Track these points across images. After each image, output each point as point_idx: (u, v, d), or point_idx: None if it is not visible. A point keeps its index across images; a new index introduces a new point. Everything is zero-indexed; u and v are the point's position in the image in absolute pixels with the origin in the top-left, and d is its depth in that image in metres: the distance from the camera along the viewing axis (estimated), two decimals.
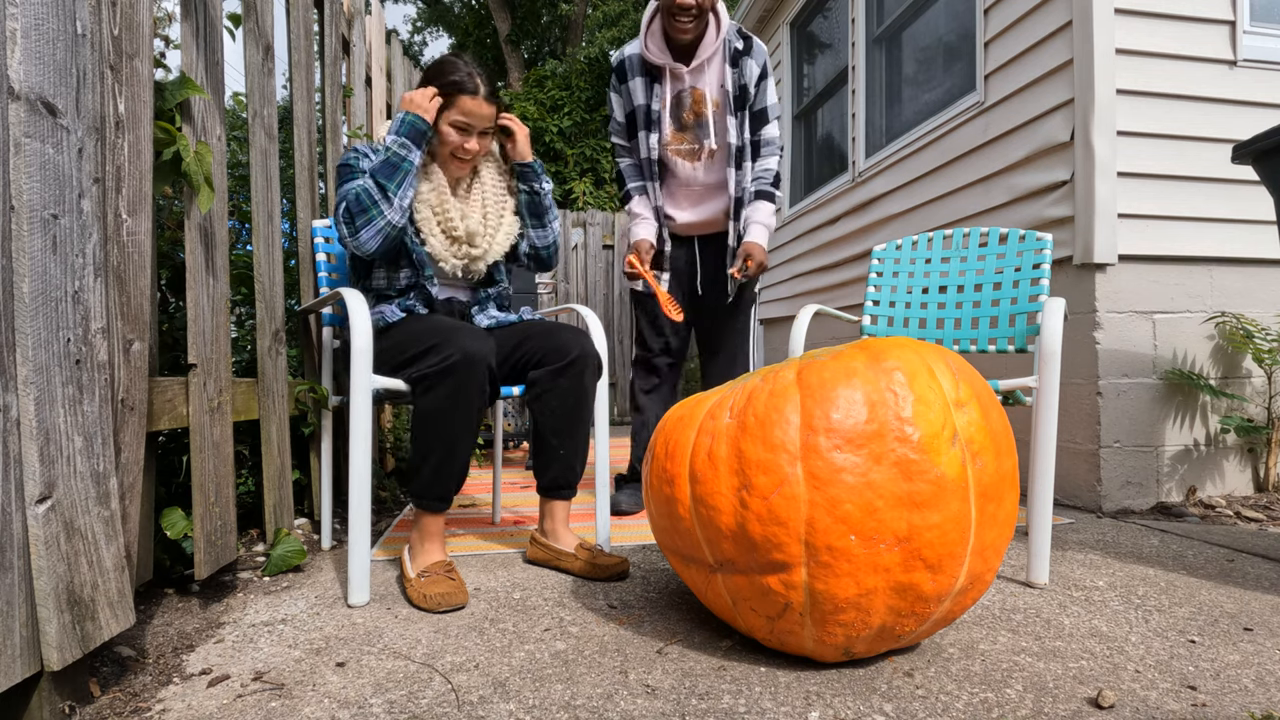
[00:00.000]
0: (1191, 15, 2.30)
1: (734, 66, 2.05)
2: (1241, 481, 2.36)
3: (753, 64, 2.05)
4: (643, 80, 2.11)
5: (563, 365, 1.59)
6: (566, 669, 1.09)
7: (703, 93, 2.07)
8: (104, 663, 1.09)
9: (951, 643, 1.18)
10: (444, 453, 1.42)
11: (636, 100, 2.12)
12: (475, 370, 1.40)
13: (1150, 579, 1.52)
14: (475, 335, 1.42)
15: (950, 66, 3.02)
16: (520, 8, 12.59)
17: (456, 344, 1.39)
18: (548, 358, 1.61)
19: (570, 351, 1.59)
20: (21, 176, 0.87)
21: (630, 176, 2.22)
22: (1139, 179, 2.26)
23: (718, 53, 2.06)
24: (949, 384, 1.02)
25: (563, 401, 1.60)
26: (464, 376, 1.39)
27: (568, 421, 1.61)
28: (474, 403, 1.42)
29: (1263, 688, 1.01)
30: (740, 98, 2.06)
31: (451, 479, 1.46)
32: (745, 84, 2.05)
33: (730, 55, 2.05)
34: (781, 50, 4.86)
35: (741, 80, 2.05)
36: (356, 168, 1.61)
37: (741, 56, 2.04)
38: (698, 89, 2.07)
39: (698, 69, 2.06)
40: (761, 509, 0.98)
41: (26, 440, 0.88)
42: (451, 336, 1.41)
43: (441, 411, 1.40)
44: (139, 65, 1.18)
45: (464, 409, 1.41)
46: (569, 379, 1.60)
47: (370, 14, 2.77)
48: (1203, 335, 2.34)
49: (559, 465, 1.63)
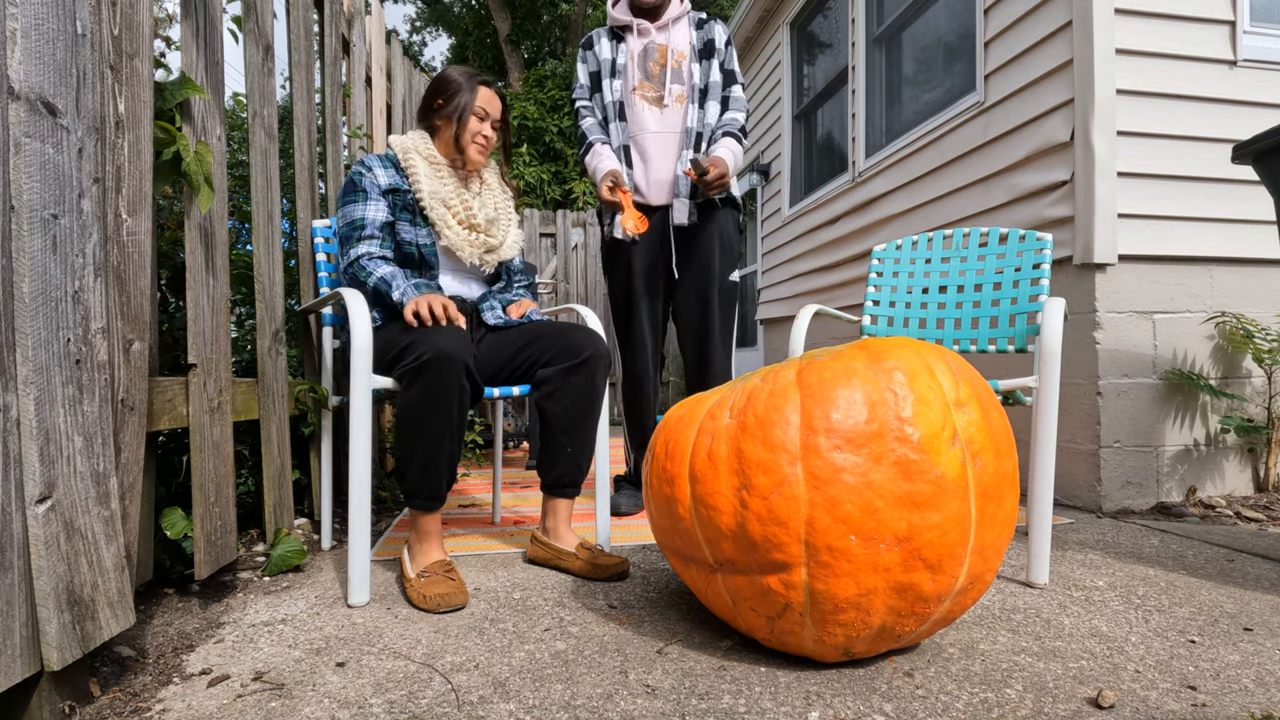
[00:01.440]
0: (1191, 15, 2.30)
1: (699, 29, 2.23)
2: (1241, 481, 2.36)
3: (718, 28, 2.22)
4: (609, 42, 2.24)
5: (576, 363, 1.61)
6: (566, 669, 1.09)
7: (668, 47, 2.19)
8: (104, 663, 1.09)
9: (951, 643, 1.18)
10: (426, 451, 1.42)
11: (602, 57, 2.23)
12: (448, 367, 1.39)
13: (1150, 579, 1.52)
14: (451, 334, 1.42)
15: (950, 66, 3.02)
16: (520, 8, 12.58)
17: (430, 342, 1.39)
18: (560, 356, 1.62)
19: (584, 350, 1.61)
20: (21, 176, 0.87)
21: (591, 131, 2.23)
22: (1139, 179, 2.26)
23: (683, 18, 2.23)
24: (949, 384, 1.02)
25: (575, 400, 1.61)
26: (436, 373, 1.38)
27: (578, 420, 1.62)
28: (450, 399, 1.41)
29: (1263, 688, 1.01)
30: (706, 51, 2.20)
31: (438, 476, 1.45)
32: (711, 39, 2.20)
33: (695, 22, 2.24)
34: (781, 50, 4.85)
35: (707, 37, 2.20)
36: (359, 186, 1.67)
37: (705, 23, 2.24)
38: (662, 45, 2.19)
39: (663, 27, 2.20)
40: (761, 509, 0.98)
41: (26, 440, 0.88)
42: (426, 335, 1.41)
43: (417, 409, 1.40)
44: (139, 65, 1.18)
45: (441, 406, 1.40)
46: (582, 377, 1.61)
47: (370, 14, 2.77)
48: (1203, 335, 2.34)
49: (566, 463, 1.63)
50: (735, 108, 2.22)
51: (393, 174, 1.71)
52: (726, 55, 2.24)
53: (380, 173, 1.69)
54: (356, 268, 1.61)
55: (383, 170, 1.70)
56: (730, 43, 2.24)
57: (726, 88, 2.23)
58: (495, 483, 2.15)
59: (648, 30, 2.20)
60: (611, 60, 2.23)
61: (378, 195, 1.67)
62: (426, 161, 1.72)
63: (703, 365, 2.25)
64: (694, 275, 2.22)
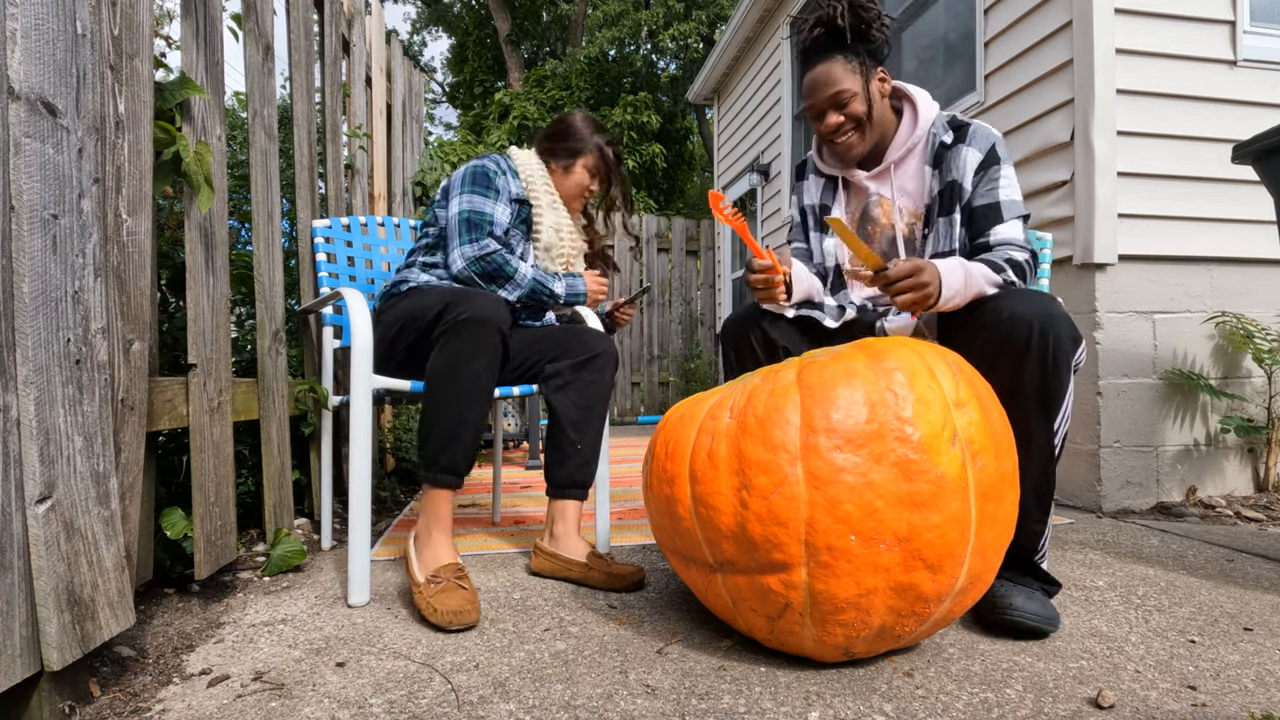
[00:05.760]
0: (1191, 15, 2.30)
1: (936, 166, 1.45)
2: (1241, 481, 2.36)
3: (968, 152, 1.41)
4: (819, 180, 1.63)
5: (587, 358, 1.62)
6: (566, 669, 1.09)
7: (891, 203, 1.51)
8: (104, 663, 1.09)
9: (951, 643, 1.18)
10: (454, 413, 1.39)
11: (809, 198, 1.63)
12: (484, 328, 1.39)
13: (1150, 579, 1.52)
14: (489, 299, 1.42)
15: (950, 66, 3.02)
16: (520, 8, 12.59)
17: (470, 304, 1.39)
18: (570, 351, 1.63)
19: (595, 346, 1.63)
20: (21, 176, 0.87)
21: (800, 256, 1.63)
22: (1139, 179, 2.26)
23: (914, 151, 1.48)
24: (949, 384, 1.02)
25: (584, 394, 1.61)
26: (472, 332, 1.38)
27: (587, 415, 1.61)
28: (481, 359, 1.39)
29: (1263, 688, 1.01)
30: (947, 198, 1.43)
31: (460, 446, 1.40)
32: (955, 180, 1.41)
33: (933, 151, 1.45)
34: (781, 50, 4.86)
35: (949, 177, 1.42)
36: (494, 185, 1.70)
37: (949, 150, 1.43)
38: (886, 199, 1.51)
39: (883, 174, 1.50)
40: (761, 509, 0.98)
41: (26, 440, 0.88)
42: (466, 296, 1.41)
43: (449, 368, 1.38)
44: (139, 65, 1.18)
45: (473, 367, 1.38)
46: (592, 372, 1.62)
47: (370, 14, 2.76)
48: (1203, 335, 2.34)
49: (575, 461, 1.60)
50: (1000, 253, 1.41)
51: (519, 186, 1.77)
52: (979, 185, 1.44)
53: (511, 181, 1.75)
54: (498, 259, 1.63)
55: (512, 180, 1.76)
56: (995, 161, 1.42)
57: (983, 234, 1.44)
58: (495, 482, 2.15)
59: (863, 185, 1.57)
60: (819, 205, 1.64)
61: (508, 201, 1.72)
62: (546, 190, 1.79)
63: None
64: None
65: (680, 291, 6.36)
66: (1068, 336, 1.19)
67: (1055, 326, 1.18)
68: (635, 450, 3.96)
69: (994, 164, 1.39)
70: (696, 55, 11.31)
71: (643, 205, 8.54)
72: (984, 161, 1.40)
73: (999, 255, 1.34)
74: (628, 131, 8.65)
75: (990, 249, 1.37)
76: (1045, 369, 1.18)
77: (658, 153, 8.75)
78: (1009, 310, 1.21)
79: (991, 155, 1.40)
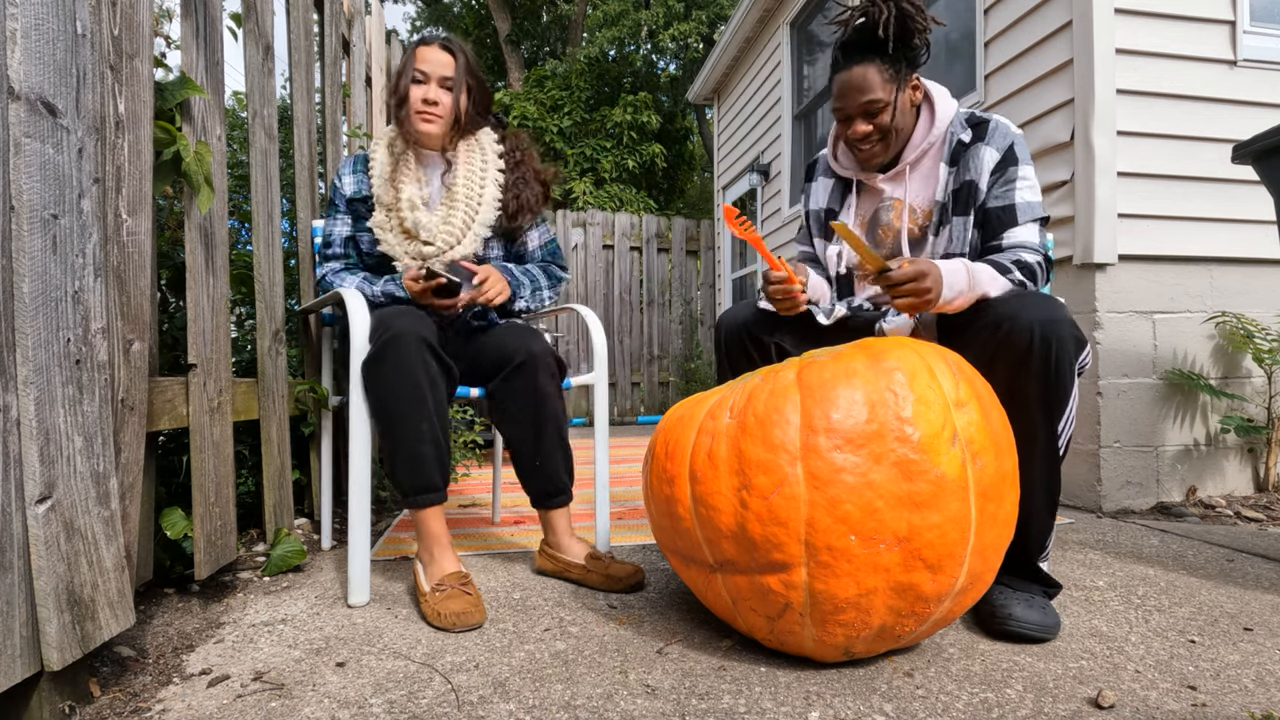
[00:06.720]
0: (1191, 15, 2.30)
1: (953, 165, 1.40)
2: (1241, 481, 2.36)
3: (986, 151, 1.36)
4: (828, 182, 1.59)
5: (511, 370, 1.51)
6: (566, 669, 1.09)
7: (904, 205, 1.45)
8: (104, 663, 1.09)
9: (951, 643, 1.18)
10: (404, 435, 1.35)
11: (814, 202, 1.60)
12: (404, 343, 1.34)
13: (1150, 579, 1.52)
14: (407, 315, 1.39)
15: (950, 66, 3.02)
16: (520, 8, 12.59)
17: (388, 325, 1.37)
18: (498, 364, 1.53)
19: (515, 355, 1.50)
20: (21, 176, 0.87)
21: (806, 261, 1.66)
22: (1139, 179, 2.26)
23: (930, 152, 1.43)
24: (949, 384, 1.02)
25: (520, 407, 1.51)
26: (394, 352, 1.34)
27: (531, 429, 1.51)
28: (414, 376, 1.35)
29: (1263, 688, 1.01)
30: (962, 199, 1.38)
31: (422, 462, 1.36)
32: (971, 179, 1.37)
33: (950, 150, 1.40)
34: (781, 50, 4.85)
35: (965, 177, 1.38)
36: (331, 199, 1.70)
37: (968, 149, 1.38)
38: (899, 201, 1.47)
39: (898, 175, 1.46)
40: (761, 509, 0.98)
41: (26, 440, 0.88)
42: (386, 320, 1.38)
43: (386, 394, 1.35)
44: (139, 65, 1.18)
45: (407, 385, 1.34)
46: (521, 381, 1.50)
47: (370, 14, 2.76)
48: (1203, 335, 2.34)
49: (539, 477, 1.54)
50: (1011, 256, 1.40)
51: (360, 177, 1.67)
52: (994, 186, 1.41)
53: (348, 180, 1.67)
54: (325, 283, 1.63)
55: (350, 177, 1.68)
56: (1013, 161, 1.39)
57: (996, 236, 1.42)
58: (495, 482, 2.15)
59: (877, 188, 1.54)
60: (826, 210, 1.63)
61: (343, 208, 1.68)
62: (388, 150, 1.61)
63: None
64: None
65: (680, 291, 6.36)
66: (1071, 340, 1.17)
67: (1057, 330, 1.16)
68: (635, 450, 3.96)
69: (1012, 164, 1.35)
70: (696, 55, 11.31)
71: (643, 205, 8.53)
72: (1001, 161, 1.36)
73: (1007, 256, 1.32)
74: (628, 131, 8.65)
75: (1002, 252, 1.35)
76: (1047, 373, 1.17)
77: (658, 153, 8.75)
78: (1010, 314, 1.20)
79: (1010, 155, 1.36)
